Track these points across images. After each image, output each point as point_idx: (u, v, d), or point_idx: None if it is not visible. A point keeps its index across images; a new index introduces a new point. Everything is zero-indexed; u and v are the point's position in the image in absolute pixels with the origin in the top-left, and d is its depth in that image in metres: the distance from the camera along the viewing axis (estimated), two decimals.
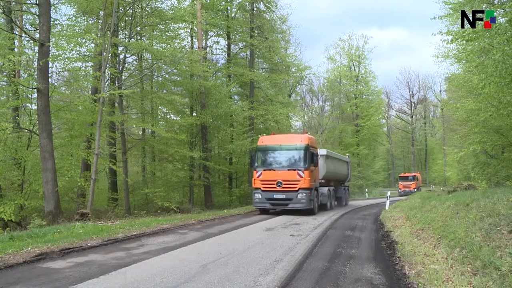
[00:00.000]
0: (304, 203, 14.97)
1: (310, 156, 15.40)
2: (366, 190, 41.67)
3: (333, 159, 20.56)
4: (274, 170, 15.61)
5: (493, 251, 5.50)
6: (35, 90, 13.27)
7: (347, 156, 25.45)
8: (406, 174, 46.88)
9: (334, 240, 9.29)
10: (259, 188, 15.66)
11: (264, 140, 16.41)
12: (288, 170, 15.35)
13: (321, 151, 18.67)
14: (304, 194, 14.97)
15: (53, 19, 16.20)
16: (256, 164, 16.03)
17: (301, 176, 15.06)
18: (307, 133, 17.36)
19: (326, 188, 18.14)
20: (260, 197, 15.58)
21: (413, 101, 61.09)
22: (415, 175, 45.21)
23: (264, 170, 15.76)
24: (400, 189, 43.47)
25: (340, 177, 22.27)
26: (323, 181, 18.20)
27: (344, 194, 22.72)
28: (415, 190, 40.65)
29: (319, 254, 7.47)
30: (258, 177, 15.81)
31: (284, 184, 15.20)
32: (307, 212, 15.41)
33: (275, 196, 15.35)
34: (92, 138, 17.36)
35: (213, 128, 24.23)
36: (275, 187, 15.34)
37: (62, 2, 17.91)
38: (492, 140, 17.82)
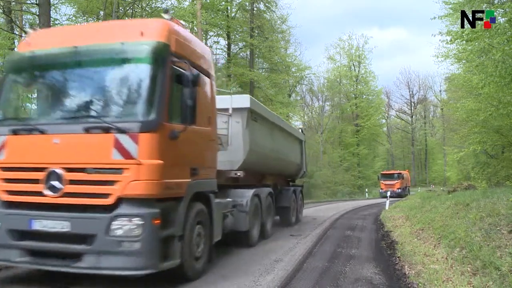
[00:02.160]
0: (133, 253, 4.19)
1: (168, 83, 4.62)
2: (366, 190, 41.68)
3: (269, 125, 9.67)
4: (43, 132, 4.56)
5: (493, 251, 5.50)
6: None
7: (300, 131, 14.19)
8: (391, 172, 39.82)
9: (334, 240, 9.29)
10: None
11: (34, 42, 5.15)
12: (87, 131, 4.42)
13: (239, 99, 7.82)
14: (134, 221, 4.17)
15: (53, 19, 16.24)
16: None
17: (128, 155, 4.27)
18: (167, 13, 5.08)
19: (251, 193, 7.78)
20: None
21: (413, 101, 61.05)
22: (400, 173, 37.84)
23: (16, 132, 4.73)
24: (381, 189, 34.66)
25: (286, 166, 11.79)
26: (239, 174, 7.68)
27: (294, 202, 11.66)
28: (400, 191, 33.92)
29: (319, 254, 7.47)
30: None
31: (72, 181, 4.41)
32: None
33: (35, 227, 4.44)
34: None
35: None
36: (39, 193, 4.48)
37: (62, 2, 17.97)
38: (492, 140, 17.81)
